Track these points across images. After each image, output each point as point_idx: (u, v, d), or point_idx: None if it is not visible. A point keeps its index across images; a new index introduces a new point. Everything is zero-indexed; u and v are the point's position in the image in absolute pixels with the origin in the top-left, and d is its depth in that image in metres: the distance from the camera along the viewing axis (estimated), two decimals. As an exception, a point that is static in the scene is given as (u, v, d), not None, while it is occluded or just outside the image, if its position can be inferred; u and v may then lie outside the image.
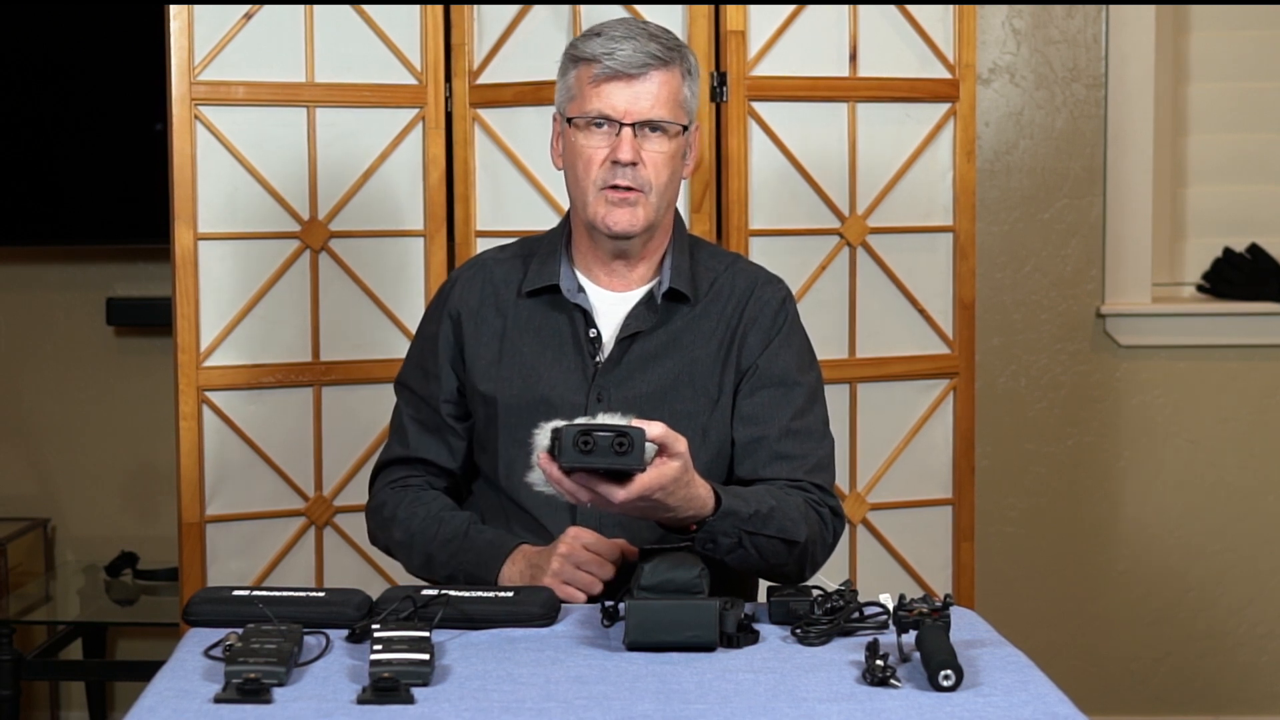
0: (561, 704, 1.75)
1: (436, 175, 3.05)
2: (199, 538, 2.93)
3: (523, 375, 2.30)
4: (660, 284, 2.31)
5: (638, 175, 2.22)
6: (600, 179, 2.23)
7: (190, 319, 2.91)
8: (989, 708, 1.75)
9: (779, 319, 2.32)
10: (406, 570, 2.38)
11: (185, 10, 2.88)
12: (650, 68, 2.22)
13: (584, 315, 2.30)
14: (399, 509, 2.34)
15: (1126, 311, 3.92)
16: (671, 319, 2.30)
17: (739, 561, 2.12)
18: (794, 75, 3.01)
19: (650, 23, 2.28)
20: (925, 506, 3.12)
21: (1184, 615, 3.97)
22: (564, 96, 2.28)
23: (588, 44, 2.24)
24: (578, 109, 2.24)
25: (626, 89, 2.21)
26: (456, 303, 2.37)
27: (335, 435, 3.02)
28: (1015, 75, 3.90)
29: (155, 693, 1.79)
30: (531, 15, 3.00)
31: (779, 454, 2.25)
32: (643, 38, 2.23)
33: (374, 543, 2.44)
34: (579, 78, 2.24)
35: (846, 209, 3.06)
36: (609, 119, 2.22)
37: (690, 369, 2.28)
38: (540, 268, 2.34)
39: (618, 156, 2.21)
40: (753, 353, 2.30)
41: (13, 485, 4.01)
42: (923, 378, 3.11)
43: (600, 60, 2.21)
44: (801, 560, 2.21)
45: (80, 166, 3.89)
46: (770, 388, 2.29)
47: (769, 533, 2.13)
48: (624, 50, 2.21)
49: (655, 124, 2.22)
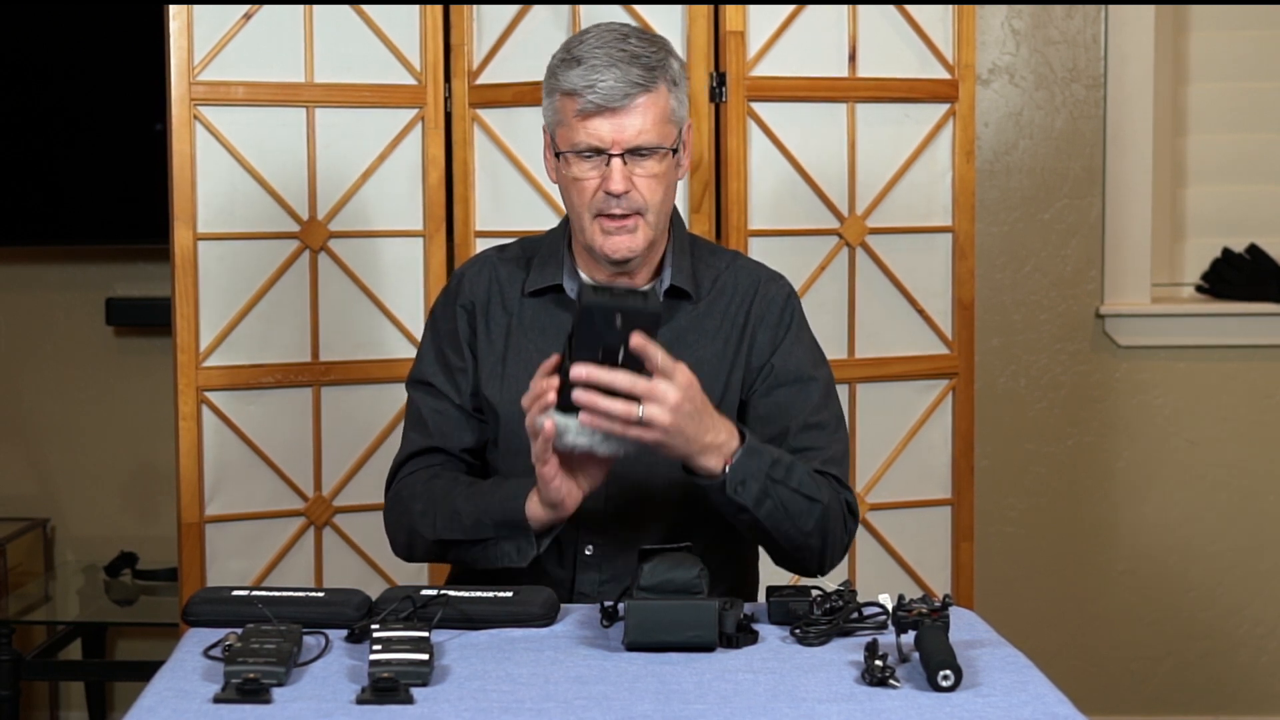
0: (561, 704, 1.75)
1: (436, 175, 3.05)
2: (198, 538, 2.93)
3: (528, 374, 2.29)
4: (662, 282, 2.31)
5: (631, 201, 2.21)
6: (594, 207, 2.23)
7: (189, 319, 2.91)
8: (988, 708, 1.75)
9: (785, 316, 2.33)
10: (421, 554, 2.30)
11: (185, 10, 2.88)
12: (633, 96, 2.19)
13: None
14: (418, 485, 2.29)
15: (1126, 312, 3.92)
16: (675, 317, 2.31)
17: (767, 516, 2.13)
18: (793, 75, 3.01)
19: (630, 33, 2.23)
20: (925, 506, 3.12)
21: (1184, 615, 3.97)
22: (551, 118, 2.26)
23: (569, 75, 2.20)
24: (566, 140, 2.23)
25: (611, 121, 2.19)
26: (468, 295, 2.36)
27: (335, 435, 3.02)
28: (1015, 75, 3.90)
29: (155, 693, 1.79)
30: (531, 15, 3.00)
31: (796, 448, 2.25)
32: (624, 63, 2.19)
33: (394, 542, 2.34)
34: (563, 107, 2.22)
35: (846, 209, 3.06)
36: (598, 150, 2.21)
37: (695, 368, 2.28)
38: (543, 268, 2.34)
39: (609, 188, 2.20)
40: (763, 352, 2.30)
41: (13, 485, 4.01)
42: (922, 378, 3.11)
43: (583, 94, 2.19)
44: (823, 532, 2.19)
45: (80, 166, 3.89)
46: (786, 386, 2.29)
47: (791, 485, 2.13)
48: (605, 81, 2.18)
49: (645, 149, 2.21)
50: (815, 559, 2.23)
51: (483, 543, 2.19)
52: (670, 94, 2.23)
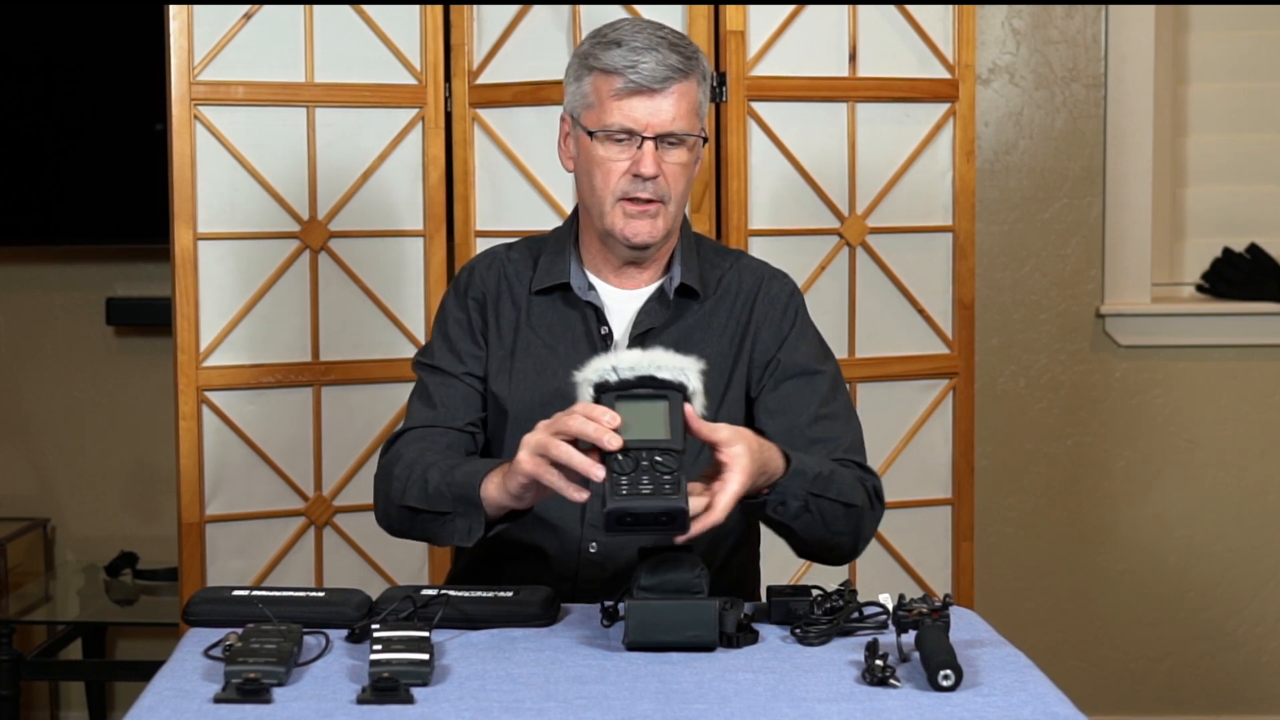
0: (561, 704, 1.75)
1: (436, 175, 3.05)
2: (199, 538, 2.93)
3: (537, 370, 2.30)
4: (671, 280, 2.31)
5: (658, 187, 2.22)
6: (620, 190, 2.23)
7: (190, 319, 2.91)
8: (988, 708, 1.75)
9: (788, 312, 2.33)
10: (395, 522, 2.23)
11: (185, 10, 2.88)
12: (672, 81, 2.20)
13: (596, 313, 2.30)
14: (406, 452, 2.23)
15: (1126, 311, 3.92)
16: (683, 315, 2.31)
17: (804, 527, 2.12)
18: (794, 75, 3.01)
19: (664, 27, 2.26)
20: (925, 506, 3.12)
21: (1184, 615, 3.97)
22: (578, 102, 2.26)
23: (608, 54, 2.21)
24: (596, 120, 2.22)
25: (648, 102, 2.20)
26: (479, 287, 2.35)
27: (335, 435, 3.02)
28: (1015, 75, 3.90)
29: (155, 693, 1.79)
30: (531, 15, 3.00)
31: (812, 439, 2.24)
32: (663, 48, 2.20)
33: (375, 508, 2.28)
34: (597, 87, 2.22)
35: (846, 209, 3.06)
36: (631, 132, 2.21)
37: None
38: (550, 266, 2.33)
39: (640, 170, 2.21)
40: (767, 349, 2.30)
41: (13, 485, 4.01)
42: (922, 378, 3.11)
43: (623, 74, 2.20)
44: (856, 532, 2.19)
45: (80, 166, 3.89)
46: (793, 379, 2.29)
47: (831, 495, 2.12)
48: (647, 63, 2.19)
49: (677, 136, 2.22)
50: (846, 554, 2.23)
51: (440, 516, 2.13)
52: (699, 88, 2.25)
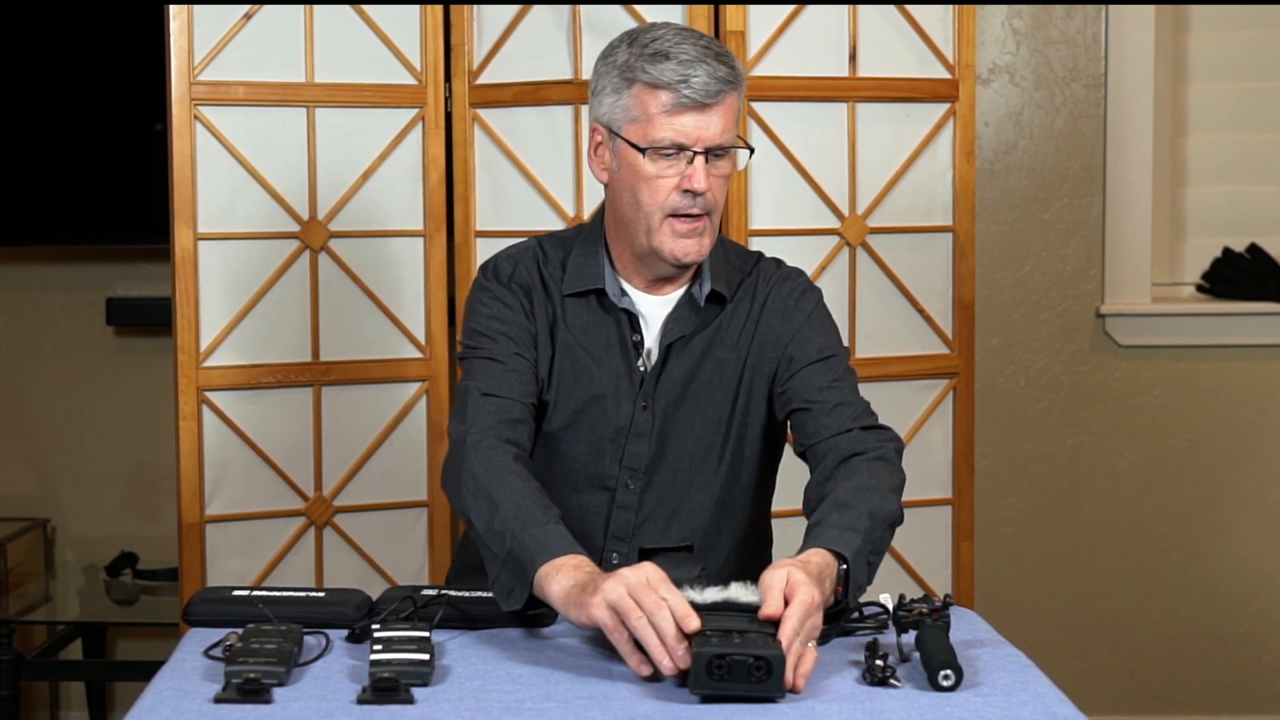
0: (561, 704, 1.75)
1: (436, 175, 3.05)
2: (199, 538, 2.93)
3: (574, 374, 2.27)
4: (701, 288, 2.28)
5: (706, 201, 2.18)
6: (669, 206, 2.17)
7: (190, 319, 2.91)
8: (989, 708, 1.75)
9: (798, 309, 2.31)
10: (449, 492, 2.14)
11: (185, 10, 2.88)
12: (723, 94, 2.16)
13: (630, 319, 2.27)
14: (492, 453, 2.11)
15: (1126, 311, 3.92)
16: (710, 321, 2.29)
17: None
18: (794, 75, 3.01)
19: (701, 34, 2.21)
20: (925, 506, 3.11)
21: (1184, 615, 3.97)
22: (619, 115, 2.19)
23: (658, 68, 2.15)
24: (644, 136, 2.16)
25: (700, 117, 2.15)
26: (522, 277, 2.29)
27: (335, 435, 3.02)
28: (1015, 75, 3.90)
29: (155, 693, 1.79)
30: (531, 15, 3.00)
31: (837, 403, 2.23)
32: (711, 59, 2.15)
33: (447, 479, 2.15)
34: (643, 101, 2.16)
35: (846, 209, 3.06)
36: (681, 147, 2.16)
37: (720, 370, 2.28)
38: (581, 269, 2.29)
39: (691, 186, 2.16)
40: (779, 345, 2.29)
41: (13, 485, 4.01)
42: (922, 378, 3.11)
43: (675, 89, 2.14)
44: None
45: (80, 166, 3.89)
46: (810, 365, 2.27)
47: (878, 533, 2.06)
48: (699, 77, 2.14)
49: (724, 149, 2.18)
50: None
51: (489, 551, 2.02)
52: (739, 96, 2.21)
